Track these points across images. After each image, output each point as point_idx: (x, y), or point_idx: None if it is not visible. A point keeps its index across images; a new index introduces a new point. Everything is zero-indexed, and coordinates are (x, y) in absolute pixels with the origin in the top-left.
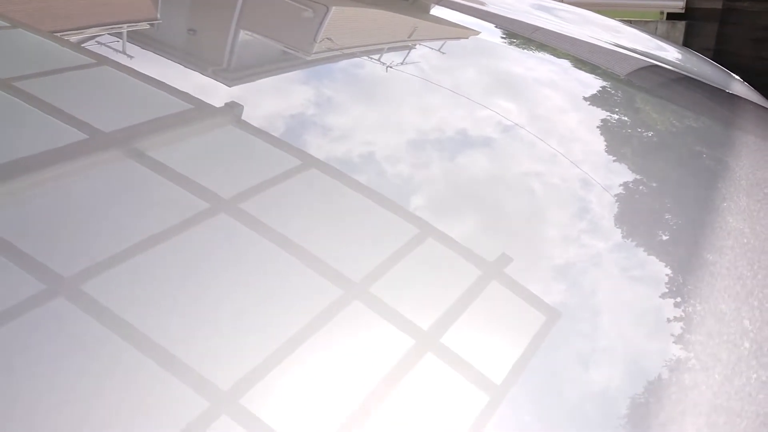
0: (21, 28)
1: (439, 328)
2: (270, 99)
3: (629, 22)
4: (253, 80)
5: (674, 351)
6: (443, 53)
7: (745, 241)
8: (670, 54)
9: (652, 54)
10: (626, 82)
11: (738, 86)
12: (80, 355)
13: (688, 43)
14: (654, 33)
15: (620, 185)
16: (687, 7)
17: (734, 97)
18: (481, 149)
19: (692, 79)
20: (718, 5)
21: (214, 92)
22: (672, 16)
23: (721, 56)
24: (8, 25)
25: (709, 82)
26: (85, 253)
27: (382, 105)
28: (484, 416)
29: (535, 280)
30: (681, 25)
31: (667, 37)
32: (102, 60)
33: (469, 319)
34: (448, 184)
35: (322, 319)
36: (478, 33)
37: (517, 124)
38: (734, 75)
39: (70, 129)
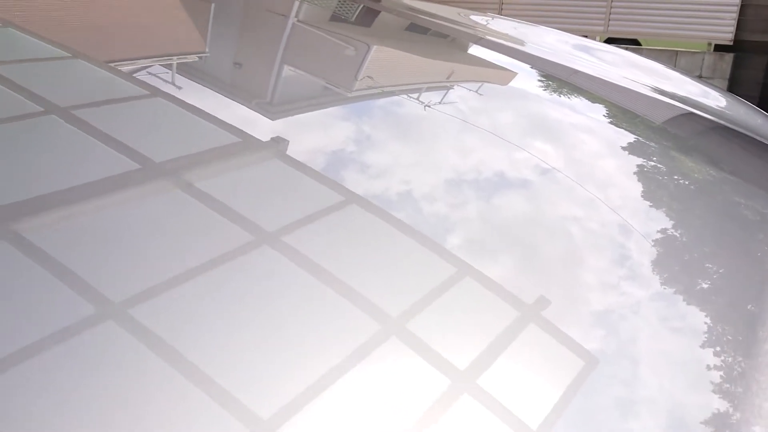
0: (81, 59)
1: (476, 369)
2: (311, 134)
3: (676, 53)
4: (295, 114)
5: (713, 403)
6: (480, 95)
7: None
8: (713, 101)
9: (694, 101)
10: (662, 130)
11: None
12: (124, 380)
13: (735, 75)
14: (701, 64)
15: (656, 232)
16: (735, 40)
17: (758, 142)
18: (517, 191)
19: (731, 129)
20: (767, 38)
21: (258, 125)
22: (720, 48)
23: None
24: (68, 54)
25: (749, 133)
26: (132, 279)
27: (420, 144)
28: None
29: (574, 325)
30: (729, 57)
31: (714, 69)
32: (153, 91)
33: (506, 362)
34: (484, 225)
35: (359, 355)
36: (515, 74)
37: (552, 168)
38: None
39: (120, 156)
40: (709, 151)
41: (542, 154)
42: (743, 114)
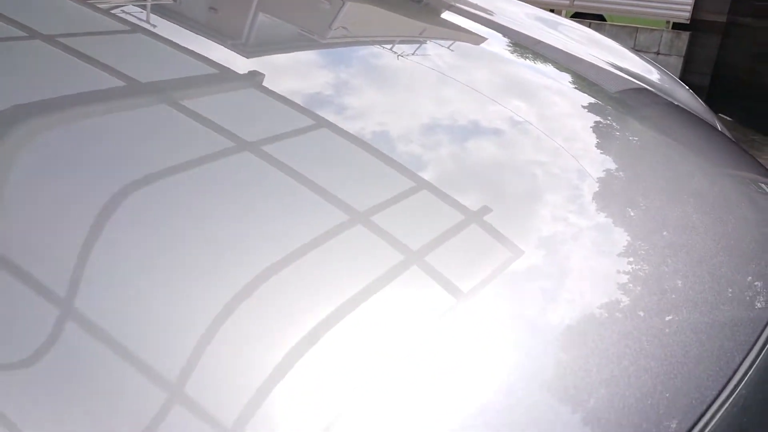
0: None
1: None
2: (285, 72)
3: (636, 30)
4: (269, 55)
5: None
6: (452, 50)
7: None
8: (656, 77)
9: (638, 74)
10: (608, 96)
11: (701, 109)
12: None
13: (690, 52)
14: (659, 41)
15: (600, 175)
16: (692, 19)
17: (696, 118)
18: (476, 134)
19: (669, 102)
20: (722, 19)
21: (233, 61)
22: (677, 26)
23: (721, 67)
24: None
25: (677, 101)
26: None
27: (390, 89)
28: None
29: (514, 234)
30: (685, 36)
31: (671, 46)
32: (128, 27)
33: (450, 261)
34: (444, 157)
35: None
36: (484, 39)
37: (513, 119)
38: (704, 102)
39: (109, 77)
40: (649, 117)
41: (503, 103)
42: (678, 91)
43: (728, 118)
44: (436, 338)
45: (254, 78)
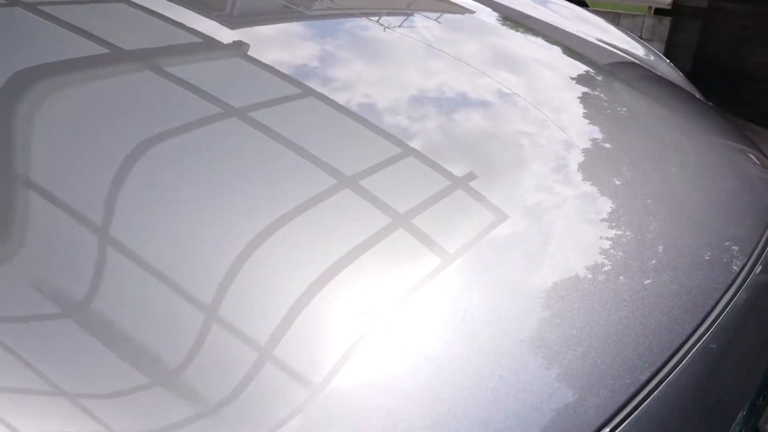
0: None
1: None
2: (270, 44)
3: (618, 15)
4: (253, 26)
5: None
6: (440, 23)
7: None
8: (640, 52)
9: (626, 50)
10: (595, 67)
11: (679, 78)
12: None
13: (672, 38)
14: (641, 26)
15: (584, 140)
16: (674, 4)
17: (679, 89)
18: (464, 105)
19: (653, 73)
20: (703, 4)
21: (218, 32)
22: (659, 12)
23: (703, 52)
24: None
25: (660, 73)
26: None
27: (377, 61)
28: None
29: (500, 191)
30: (667, 21)
31: (653, 32)
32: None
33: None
34: (432, 127)
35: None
36: (473, 12)
37: (501, 90)
38: (684, 76)
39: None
40: (635, 87)
41: (490, 73)
42: (661, 64)
43: (710, 103)
44: (422, 299)
45: (239, 49)
